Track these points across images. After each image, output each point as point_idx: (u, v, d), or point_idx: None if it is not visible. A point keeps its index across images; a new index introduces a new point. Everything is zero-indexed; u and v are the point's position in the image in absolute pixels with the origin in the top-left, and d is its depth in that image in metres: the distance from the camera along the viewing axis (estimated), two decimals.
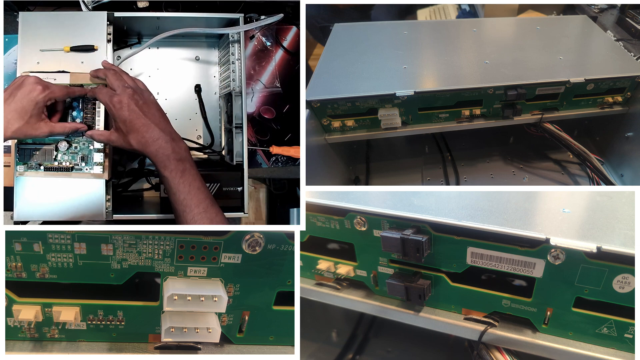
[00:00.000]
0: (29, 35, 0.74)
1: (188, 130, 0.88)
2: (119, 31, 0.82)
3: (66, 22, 0.75)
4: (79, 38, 0.74)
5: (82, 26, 0.75)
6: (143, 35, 0.87)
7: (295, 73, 0.90)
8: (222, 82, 0.88)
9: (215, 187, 0.79)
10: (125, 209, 0.77)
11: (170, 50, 0.88)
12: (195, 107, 0.88)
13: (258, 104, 0.89)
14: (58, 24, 0.74)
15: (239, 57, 0.79)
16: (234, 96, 0.79)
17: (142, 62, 0.88)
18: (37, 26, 0.74)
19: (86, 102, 0.73)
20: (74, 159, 0.73)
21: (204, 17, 0.80)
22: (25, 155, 0.72)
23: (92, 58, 0.74)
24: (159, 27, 0.81)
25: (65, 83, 0.72)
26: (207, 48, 0.89)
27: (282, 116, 0.90)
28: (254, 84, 0.89)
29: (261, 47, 0.90)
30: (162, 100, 0.87)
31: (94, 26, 0.75)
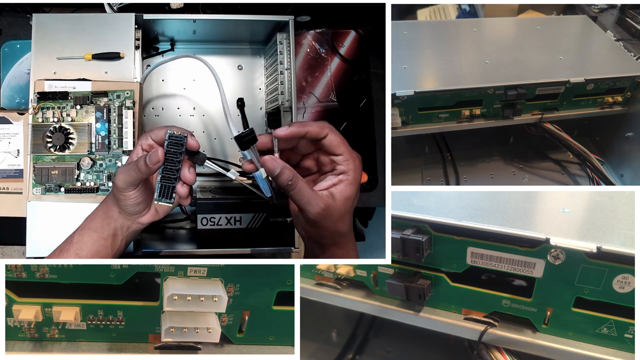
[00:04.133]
0: (44, 41, 0.65)
1: (229, 151, 0.77)
2: (148, 36, 0.73)
3: (87, 25, 0.66)
4: (102, 44, 0.66)
5: (105, 30, 0.66)
6: (176, 41, 0.77)
7: (354, 85, 0.78)
8: (268, 96, 0.77)
9: (261, 218, 0.69)
10: (154, 239, 0.69)
11: (208, 58, 0.72)
12: (238, 125, 0.73)
13: (311, 120, 0.79)
14: (78, 28, 0.66)
15: (288, 67, 0.70)
16: (283, 112, 0.70)
17: (176, 72, 0.78)
18: (54, 30, 0.66)
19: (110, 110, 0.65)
20: (100, 178, 0.64)
21: (248, 20, 0.70)
22: (42, 176, 0.63)
23: (118, 67, 0.66)
24: (196, 31, 0.72)
25: (87, 91, 0.65)
26: (252, 56, 0.78)
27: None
28: (306, 98, 0.80)
29: (314, 55, 0.78)
30: (199, 117, 0.78)
31: (120, 30, 0.66)
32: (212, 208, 0.69)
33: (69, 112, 0.66)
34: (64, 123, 0.65)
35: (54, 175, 0.63)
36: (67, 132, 0.65)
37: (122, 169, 0.54)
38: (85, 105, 0.66)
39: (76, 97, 0.66)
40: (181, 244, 0.72)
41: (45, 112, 0.65)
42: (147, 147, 0.54)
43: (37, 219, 0.62)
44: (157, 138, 0.54)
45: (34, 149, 0.64)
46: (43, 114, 0.65)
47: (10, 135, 0.68)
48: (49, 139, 0.65)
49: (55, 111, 0.65)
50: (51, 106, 0.65)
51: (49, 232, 0.60)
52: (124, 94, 0.66)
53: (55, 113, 0.65)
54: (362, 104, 0.79)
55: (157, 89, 0.79)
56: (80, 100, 0.66)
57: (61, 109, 0.66)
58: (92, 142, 0.65)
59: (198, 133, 0.77)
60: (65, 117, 0.66)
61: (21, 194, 0.66)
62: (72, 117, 0.66)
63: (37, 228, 0.61)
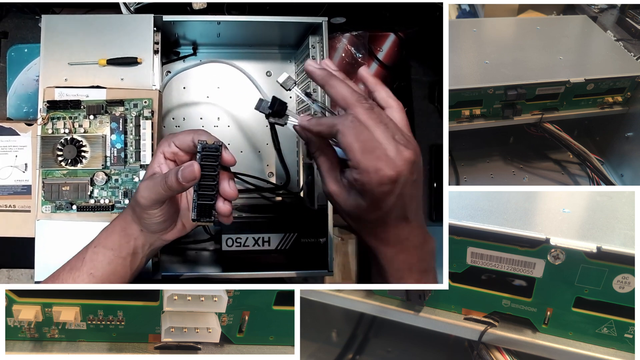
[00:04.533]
0: (54, 45, 0.60)
1: (257, 166, 0.72)
2: (168, 39, 0.68)
3: (101, 27, 0.61)
4: (118, 48, 0.61)
5: (121, 33, 0.61)
6: (199, 45, 0.71)
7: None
8: (300, 105, 0.72)
9: (291, 238, 0.63)
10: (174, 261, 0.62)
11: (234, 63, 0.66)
12: (266, 136, 0.71)
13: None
14: (91, 31, 0.60)
15: None
16: None
17: (199, 79, 0.72)
18: (65, 33, 0.60)
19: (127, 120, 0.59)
20: (115, 195, 0.60)
21: (277, 22, 0.64)
22: (52, 192, 0.58)
23: (135, 73, 0.60)
24: (220, 34, 0.66)
25: (101, 100, 0.60)
26: (281, 61, 0.73)
27: None
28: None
29: (350, 60, 0.71)
30: (225, 128, 0.72)
31: (137, 33, 0.61)
32: (238, 227, 0.64)
33: (81, 123, 0.62)
34: (76, 135, 0.61)
35: (65, 191, 0.59)
36: (79, 145, 0.61)
37: (145, 185, 0.47)
38: (100, 115, 0.62)
39: (89, 106, 0.62)
40: (204, 266, 0.66)
41: (56, 122, 0.61)
42: (171, 156, 0.49)
43: (47, 240, 0.57)
44: (182, 145, 0.48)
45: (43, 163, 0.60)
46: (53, 125, 0.61)
47: (17, 148, 0.64)
48: (59, 152, 0.61)
49: (67, 122, 0.61)
50: (62, 116, 0.62)
51: (59, 253, 0.54)
52: (141, 102, 0.62)
53: (67, 124, 0.61)
54: None
55: (177, 97, 0.74)
56: (93, 109, 0.61)
57: (73, 119, 0.62)
58: (106, 156, 0.62)
59: None
60: (78, 128, 0.62)
61: (29, 212, 0.62)
62: (85, 128, 0.62)
63: (46, 249, 0.56)
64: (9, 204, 0.62)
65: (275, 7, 0.65)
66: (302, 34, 0.66)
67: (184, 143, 0.48)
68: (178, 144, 0.48)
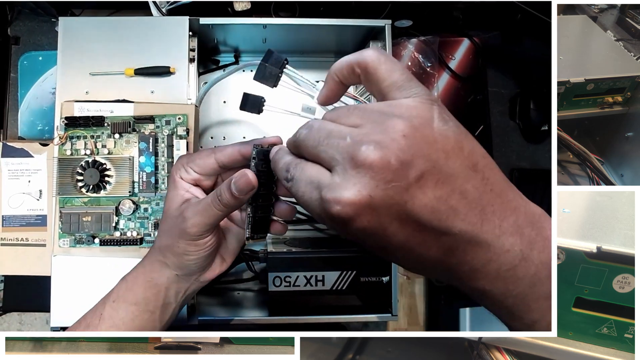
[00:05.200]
0: (73, 52, 0.52)
1: None
2: (206, 46, 0.60)
3: (128, 32, 0.53)
4: (147, 56, 0.53)
5: (151, 38, 0.53)
6: (242, 52, 0.63)
7: (468, 107, 0.60)
8: None
9: (349, 277, 0.55)
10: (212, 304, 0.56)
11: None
12: None
13: None
14: (116, 36, 0.53)
15: None
16: None
17: (237, 89, 0.63)
18: (86, 38, 0.52)
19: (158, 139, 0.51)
20: (144, 227, 0.52)
21: (333, 26, 0.55)
22: (71, 223, 0.50)
23: (167, 85, 0.52)
24: (266, 39, 0.58)
25: (128, 116, 0.51)
26: None
27: None
28: None
29: (417, 69, 0.63)
30: None
31: (170, 38, 0.53)
32: (288, 265, 0.56)
33: (104, 143, 0.54)
34: (98, 156, 0.54)
35: (85, 222, 0.51)
36: (102, 168, 0.53)
37: (193, 212, 0.41)
38: (126, 133, 0.54)
39: (114, 124, 0.54)
40: (248, 310, 0.59)
41: (75, 142, 0.54)
42: (192, 182, 0.42)
43: (65, 279, 0.49)
44: (203, 170, 0.42)
45: (61, 189, 0.53)
46: (72, 145, 0.54)
47: (30, 172, 0.56)
48: (79, 176, 0.53)
49: (88, 141, 0.54)
50: (82, 135, 0.54)
51: (79, 294, 0.48)
52: (175, 119, 0.53)
53: (88, 144, 0.54)
54: (479, 131, 0.64)
55: (216, 112, 0.67)
56: (119, 127, 0.53)
57: (95, 139, 0.54)
58: (134, 181, 0.53)
59: None
60: (101, 149, 0.54)
61: (45, 246, 0.54)
62: (109, 149, 0.54)
63: (64, 290, 0.49)
64: (22, 237, 0.54)
65: (330, 7, 0.56)
66: (362, 39, 0.59)
67: (205, 168, 0.42)
68: (198, 170, 0.42)
